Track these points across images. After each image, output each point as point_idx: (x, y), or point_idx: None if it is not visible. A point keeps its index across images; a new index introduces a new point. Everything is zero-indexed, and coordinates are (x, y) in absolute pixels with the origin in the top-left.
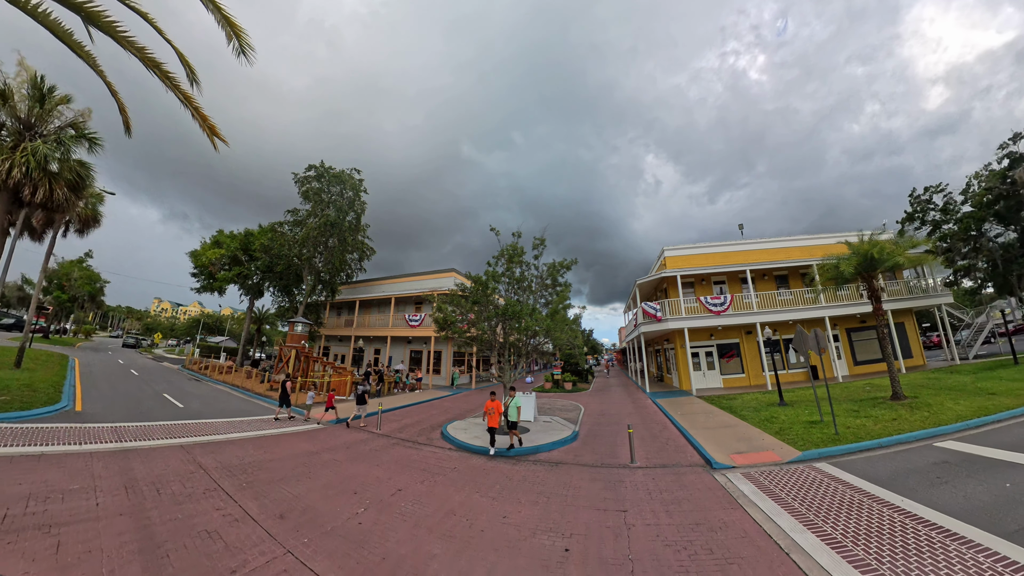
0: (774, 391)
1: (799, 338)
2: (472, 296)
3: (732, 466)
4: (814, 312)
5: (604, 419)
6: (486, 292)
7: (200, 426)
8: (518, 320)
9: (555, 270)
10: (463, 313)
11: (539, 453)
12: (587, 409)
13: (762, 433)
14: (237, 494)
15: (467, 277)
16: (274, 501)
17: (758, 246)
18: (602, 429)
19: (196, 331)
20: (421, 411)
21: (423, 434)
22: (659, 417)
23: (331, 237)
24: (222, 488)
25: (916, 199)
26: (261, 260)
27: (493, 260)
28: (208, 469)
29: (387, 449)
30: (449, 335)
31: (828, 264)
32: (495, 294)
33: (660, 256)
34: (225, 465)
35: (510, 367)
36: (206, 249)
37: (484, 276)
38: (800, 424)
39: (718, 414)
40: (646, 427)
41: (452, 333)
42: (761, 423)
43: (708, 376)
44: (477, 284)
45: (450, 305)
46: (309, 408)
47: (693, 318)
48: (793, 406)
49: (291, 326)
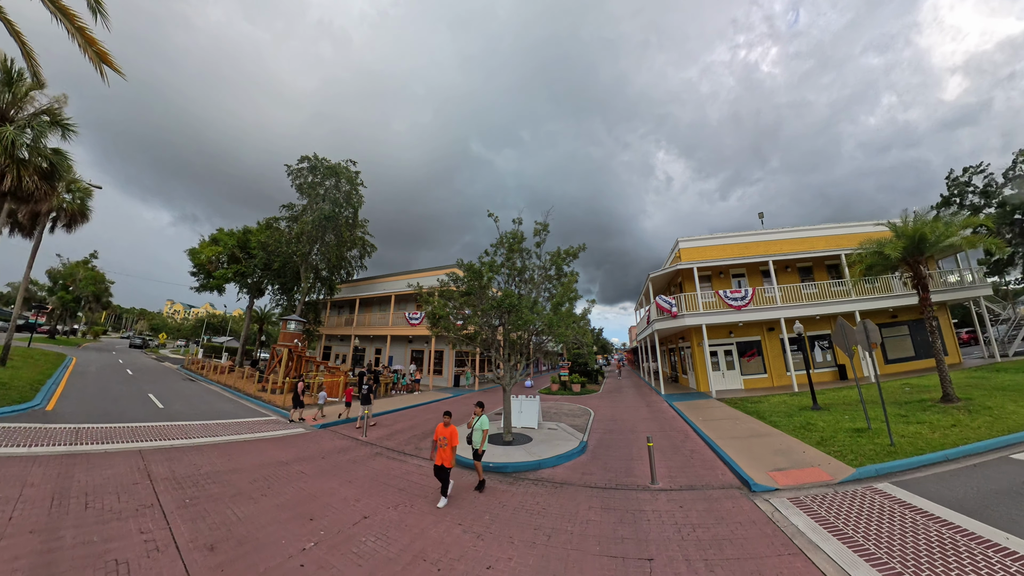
0: (802, 393)
1: (841, 332)
2: (466, 287)
3: (774, 488)
4: (843, 306)
5: (616, 426)
6: (481, 282)
7: (171, 429)
8: (516, 314)
9: (559, 258)
10: (457, 307)
11: (541, 470)
12: (597, 414)
13: (802, 444)
14: (174, 513)
15: (459, 266)
16: (212, 525)
17: (779, 236)
18: (615, 439)
19: (201, 332)
20: (416, 415)
21: (412, 443)
22: (679, 424)
23: (327, 232)
24: (160, 505)
25: (954, 181)
26: (258, 257)
27: (491, 249)
28: (156, 480)
29: (367, 461)
30: (442, 332)
31: (868, 251)
32: (492, 285)
33: (674, 248)
34: (176, 476)
35: (510, 368)
36: (204, 247)
37: (479, 264)
38: (844, 432)
39: (745, 420)
40: (665, 436)
41: (444, 330)
42: (797, 431)
43: (728, 376)
44: (470, 273)
45: (442, 298)
46: (322, 407)
47: (711, 313)
48: (829, 410)
49: (283, 324)
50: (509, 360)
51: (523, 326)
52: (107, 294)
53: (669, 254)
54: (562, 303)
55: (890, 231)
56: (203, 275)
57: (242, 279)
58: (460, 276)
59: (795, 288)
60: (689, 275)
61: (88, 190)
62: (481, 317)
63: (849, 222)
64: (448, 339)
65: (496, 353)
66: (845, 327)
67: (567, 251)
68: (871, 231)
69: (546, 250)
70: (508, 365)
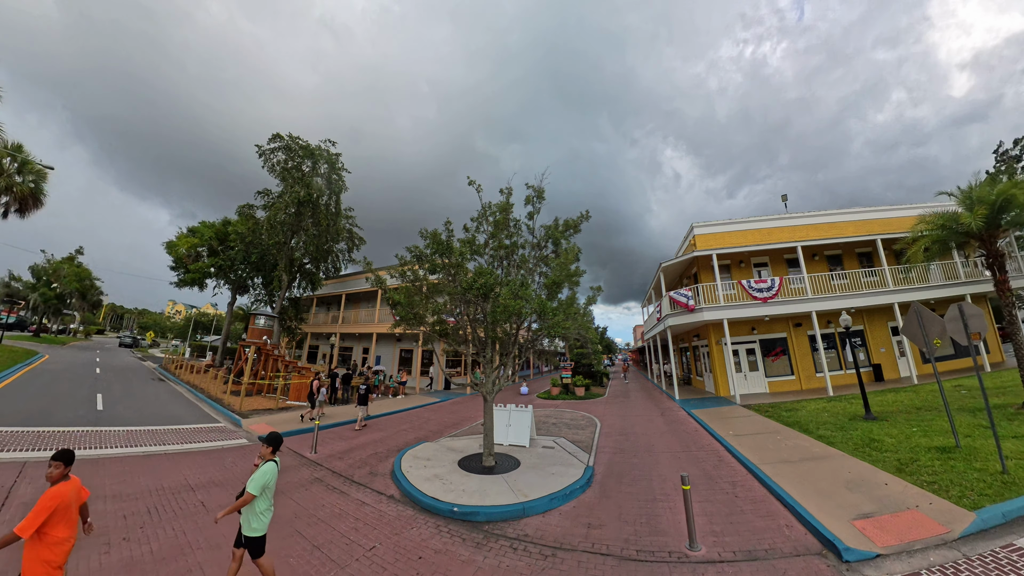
0: (840, 398)
1: (915, 320)
2: (428, 264)
3: (874, 553)
4: (880, 297)
5: (629, 443)
6: (450, 260)
7: (89, 436)
8: (495, 300)
9: (556, 231)
10: (424, 292)
11: (527, 518)
12: (604, 425)
13: (876, 470)
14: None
15: (422, 236)
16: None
17: (805, 221)
18: (628, 462)
19: (188, 330)
20: (389, 425)
21: (368, 464)
22: (704, 439)
23: (305, 220)
24: None
25: (1002, 156)
26: (236, 249)
27: (472, 224)
28: (10, 504)
29: (297, 490)
30: (408, 327)
31: (934, 223)
32: (468, 266)
33: (688, 235)
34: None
35: (492, 370)
36: (182, 239)
37: (444, 233)
38: (925, 453)
39: (787, 435)
40: (692, 458)
41: (406, 321)
42: (861, 451)
43: (751, 379)
44: (434, 243)
45: (404, 279)
46: (322, 406)
47: (733, 306)
48: (888, 420)
49: (251, 319)
50: (492, 361)
51: (505, 316)
52: (94, 291)
53: (682, 242)
54: (559, 284)
55: (959, 200)
56: (182, 269)
57: (221, 273)
58: (421, 251)
59: (824, 278)
60: (706, 264)
61: (42, 172)
62: (455, 304)
63: (881, 206)
64: (410, 328)
65: (479, 350)
66: (922, 314)
67: (567, 223)
68: (906, 214)
69: (541, 224)
70: (490, 367)
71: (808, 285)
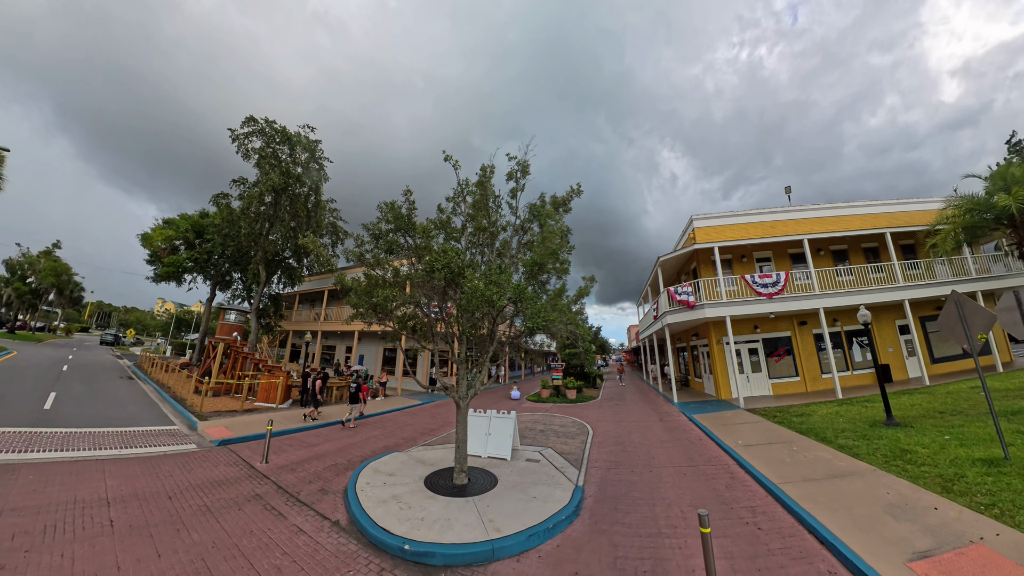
0: (852, 401)
1: (955, 313)
2: (385, 241)
3: None
4: (890, 294)
5: (625, 454)
6: (412, 234)
7: (17, 438)
8: (456, 278)
9: (541, 211)
10: (386, 277)
11: (497, 562)
12: (597, 432)
13: (917, 489)
14: None
15: (380, 207)
16: None
17: (810, 214)
18: (625, 480)
19: (170, 328)
20: (361, 430)
21: (322, 479)
22: (711, 449)
23: (281, 210)
24: None
25: (1014, 146)
26: (213, 242)
27: (447, 205)
28: None
29: (230, 510)
30: (361, 317)
31: (962, 209)
32: (431, 243)
33: (687, 228)
34: None
35: (467, 371)
36: (157, 231)
37: (404, 205)
38: (970, 466)
39: (804, 445)
40: (700, 475)
41: (361, 310)
42: (892, 464)
43: (753, 380)
44: (393, 218)
45: (360, 262)
46: (318, 407)
47: (736, 303)
48: (913, 427)
49: (221, 314)
50: (466, 361)
51: (476, 304)
52: (72, 287)
53: (680, 236)
54: (541, 266)
55: (991, 182)
56: (158, 263)
57: (197, 267)
58: (377, 228)
59: (831, 274)
60: (707, 258)
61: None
62: (421, 293)
63: (887, 200)
64: (394, 332)
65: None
66: (964, 305)
67: (554, 200)
68: (913, 208)
69: (527, 203)
70: (464, 367)
71: (815, 280)
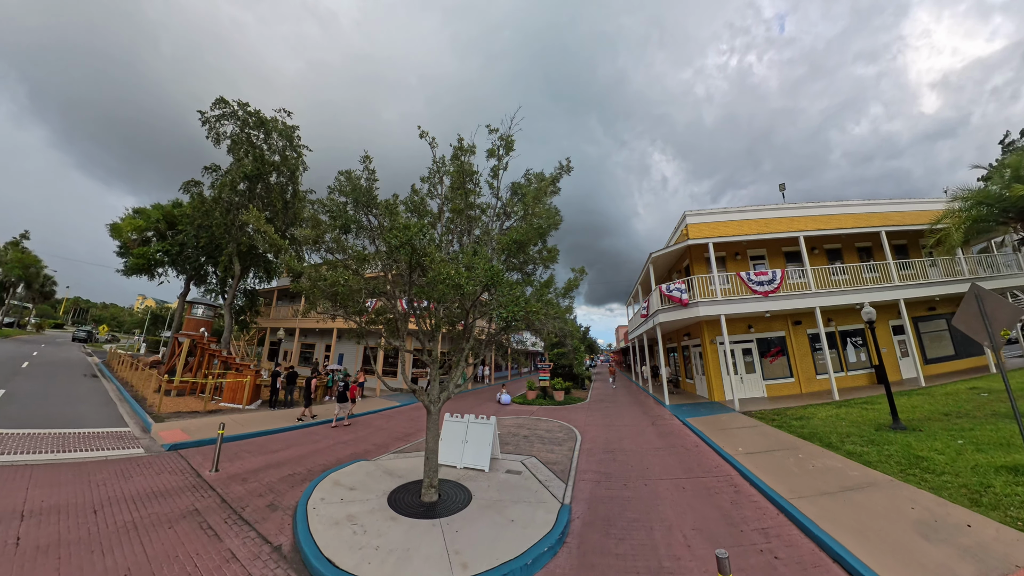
0: (848, 402)
1: (974, 308)
2: (341, 218)
3: None
4: (886, 293)
5: (617, 464)
6: (371, 204)
7: None
8: (422, 260)
9: (527, 192)
10: (346, 263)
11: None
12: (586, 437)
13: (943, 503)
14: None
15: (337, 178)
16: None
17: (805, 212)
18: (617, 496)
19: (145, 324)
20: (330, 434)
21: (274, 492)
22: (710, 458)
23: (255, 199)
24: None
25: (1008, 146)
26: (185, 232)
27: (421, 187)
28: None
29: (161, 529)
30: (313, 304)
31: (970, 199)
32: (396, 221)
33: (680, 224)
34: None
35: (438, 372)
36: (127, 221)
37: (363, 175)
38: (995, 475)
39: (809, 452)
40: (701, 489)
41: (314, 299)
42: (909, 473)
43: (747, 381)
44: (351, 190)
45: (316, 246)
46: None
47: (732, 301)
48: (923, 431)
49: (188, 308)
50: (439, 360)
51: (442, 290)
52: (42, 280)
53: (672, 232)
54: (523, 245)
55: (995, 173)
56: (128, 255)
57: (170, 259)
58: (335, 204)
59: (826, 272)
60: (700, 255)
61: None
62: (385, 277)
63: (880, 200)
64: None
65: (424, 346)
66: (985, 298)
67: (541, 180)
68: (908, 208)
69: (512, 182)
70: (435, 366)
71: (812, 279)
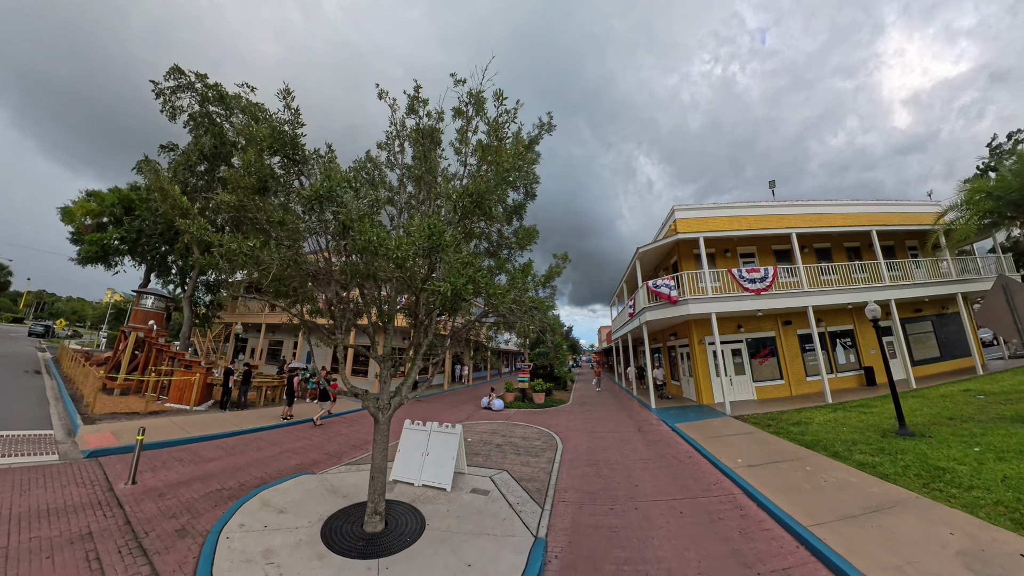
0: (842, 405)
1: (1008, 299)
2: (251, 169)
3: None
4: (878, 293)
5: (601, 480)
6: (295, 153)
7: None
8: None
9: (499, 154)
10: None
11: None
12: (567, 445)
13: (985, 525)
14: None
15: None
16: None
17: (795, 210)
18: (604, 524)
19: (105, 317)
20: (279, 440)
21: (191, 512)
22: (707, 473)
23: (216, 182)
24: None
25: (995, 149)
26: (143, 218)
27: (381, 148)
28: None
29: (33, 560)
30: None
31: (980, 191)
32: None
33: (668, 219)
34: None
35: (389, 368)
36: (80, 205)
37: (287, 120)
38: None
39: (816, 463)
40: (702, 513)
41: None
42: (933, 488)
43: (737, 384)
44: (273, 139)
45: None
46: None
47: (724, 299)
48: (933, 436)
49: (137, 298)
50: (391, 358)
51: (377, 263)
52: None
53: (660, 227)
54: (482, 201)
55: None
56: (84, 242)
57: (127, 246)
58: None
59: (818, 271)
60: (689, 251)
61: None
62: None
63: (869, 200)
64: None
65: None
66: (1013, 290)
67: (520, 142)
68: (897, 210)
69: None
70: (385, 366)
71: (804, 277)
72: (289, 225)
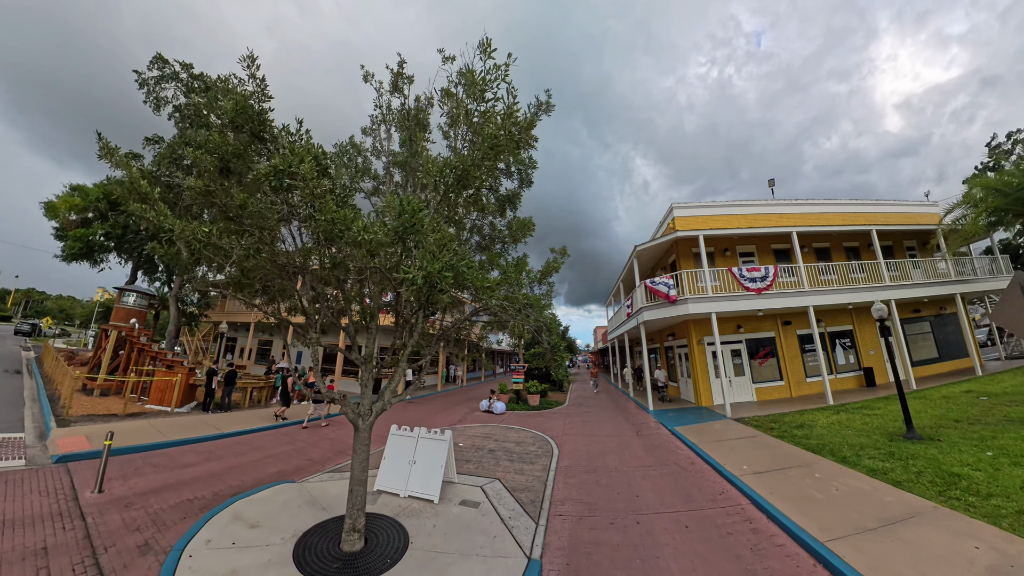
0: (844, 407)
1: (1018, 295)
2: (213, 146)
3: None
4: (879, 293)
5: (600, 490)
6: (261, 129)
7: None
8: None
9: (496, 129)
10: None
11: None
12: (563, 451)
13: (1008, 536)
14: None
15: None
16: None
17: (795, 209)
18: (604, 540)
19: (94, 317)
20: (264, 445)
21: (157, 524)
22: (711, 481)
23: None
24: None
25: (994, 149)
26: (128, 212)
27: (366, 134)
28: None
29: None
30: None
31: (990, 186)
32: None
33: (667, 217)
34: None
35: (371, 371)
36: (64, 200)
37: (250, 86)
38: None
39: (825, 469)
40: (708, 525)
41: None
42: (949, 495)
43: (736, 385)
44: (230, 103)
45: None
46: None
47: (724, 298)
48: (943, 440)
49: (119, 296)
50: (373, 360)
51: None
52: None
53: (658, 226)
54: (465, 176)
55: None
56: (68, 238)
57: (112, 242)
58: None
59: (815, 271)
60: (688, 249)
61: None
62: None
63: (869, 200)
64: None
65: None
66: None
67: (516, 122)
68: (896, 211)
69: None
70: (365, 367)
71: (805, 276)
72: (251, 208)
